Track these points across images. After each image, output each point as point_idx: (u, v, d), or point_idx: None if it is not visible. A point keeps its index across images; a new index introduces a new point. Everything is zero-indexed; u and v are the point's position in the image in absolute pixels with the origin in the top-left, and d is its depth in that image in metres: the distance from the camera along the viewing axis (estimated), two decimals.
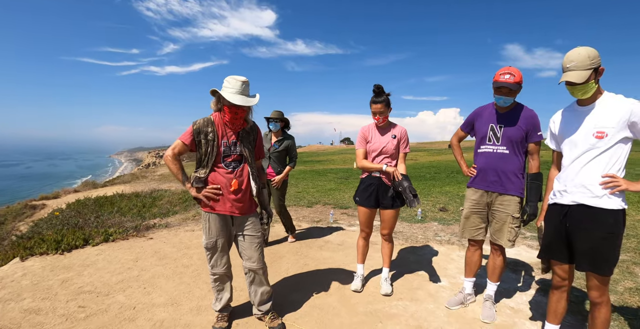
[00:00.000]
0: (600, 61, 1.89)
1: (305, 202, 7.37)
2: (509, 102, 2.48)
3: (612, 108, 1.91)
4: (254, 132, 2.51)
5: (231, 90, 2.23)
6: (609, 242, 1.88)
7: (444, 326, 2.58)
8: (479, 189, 2.63)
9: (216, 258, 2.48)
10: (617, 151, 1.89)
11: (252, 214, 2.51)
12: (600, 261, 1.89)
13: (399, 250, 4.26)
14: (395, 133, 2.95)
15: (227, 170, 2.36)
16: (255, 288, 2.57)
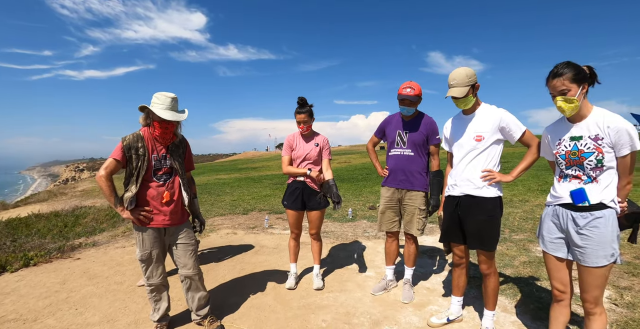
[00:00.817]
0: (476, 79, 2.34)
1: (240, 210, 7.41)
2: (411, 112, 2.90)
3: (487, 116, 2.36)
4: (183, 145, 2.62)
5: (161, 106, 2.33)
6: (490, 224, 2.32)
7: (369, 310, 2.90)
8: (391, 187, 3.01)
9: (151, 269, 2.52)
10: (492, 150, 2.35)
11: (185, 224, 2.61)
12: (485, 240, 2.33)
13: (330, 248, 4.56)
14: (318, 141, 3.24)
15: (158, 183, 2.43)
16: (192, 294, 2.65)
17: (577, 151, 1.84)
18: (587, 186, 1.82)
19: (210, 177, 17.41)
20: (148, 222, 2.43)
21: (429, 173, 2.96)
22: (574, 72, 1.79)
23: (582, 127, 1.85)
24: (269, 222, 5.99)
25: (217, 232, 5.59)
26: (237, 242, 4.96)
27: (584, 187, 1.82)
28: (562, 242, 1.94)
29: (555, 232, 1.96)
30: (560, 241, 1.95)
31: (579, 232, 1.83)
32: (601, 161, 1.79)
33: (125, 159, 2.35)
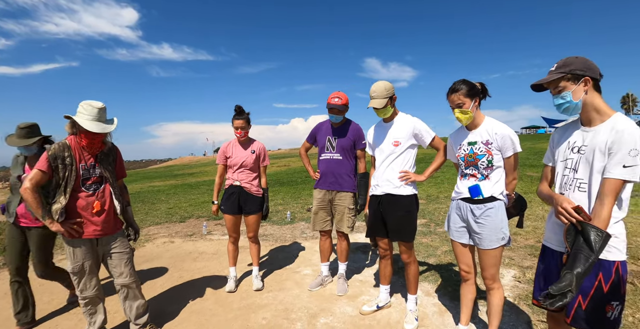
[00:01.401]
0: (394, 91, 2.64)
1: (177, 218, 7.22)
2: (339, 119, 3.15)
3: (403, 124, 2.67)
4: (112, 152, 2.55)
5: (87, 117, 2.26)
6: (408, 218, 2.62)
7: (306, 305, 3.08)
8: (322, 189, 3.23)
9: (85, 281, 2.44)
10: (408, 154, 2.66)
11: (118, 233, 2.56)
12: (404, 232, 2.63)
13: (269, 250, 4.69)
14: (255, 148, 3.36)
15: (87, 193, 2.37)
16: (129, 303, 2.61)
17: (472, 154, 2.19)
18: (481, 183, 2.18)
19: (143, 184, 16.50)
20: (79, 234, 2.35)
21: (356, 175, 3.22)
22: (468, 88, 2.14)
23: (476, 134, 2.21)
24: (208, 229, 5.94)
25: (153, 241, 5.43)
26: (175, 251, 4.87)
27: (479, 184, 2.18)
28: (464, 230, 2.28)
29: (459, 222, 2.30)
30: (463, 229, 2.29)
31: (476, 221, 2.18)
32: (491, 161, 2.15)
33: (52, 169, 2.25)
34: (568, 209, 1.56)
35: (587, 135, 1.63)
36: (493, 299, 2.27)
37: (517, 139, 2.14)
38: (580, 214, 1.53)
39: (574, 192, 1.65)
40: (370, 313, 2.87)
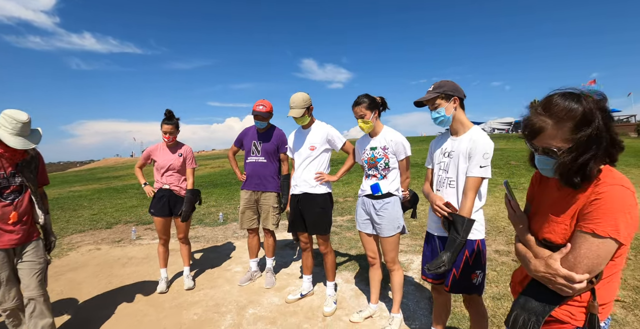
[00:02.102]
0: (311, 102, 2.97)
1: (103, 224, 6.93)
2: (264, 125, 3.41)
3: (319, 130, 3.02)
4: (35, 160, 2.46)
5: (10, 131, 2.16)
6: (324, 214, 2.98)
7: (236, 299, 3.31)
8: (249, 190, 3.48)
9: (3, 292, 2.34)
10: (323, 157, 3.02)
11: (34, 240, 2.47)
12: (320, 226, 2.98)
13: (201, 250, 4.81)
14: (182, 152, 3.50)
15: (5, 202, 2.29)
16: (35, 321, 2.42)
17: (373, 157, 2.59)
18: (380, 182, 2.59)
19: (62, 189, 15.18)
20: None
21: (280, 177, 3.51)
22: (369, 101, 2.53)
23: (376, 141, 2.62)
24: (137, 234, 5.84)
25: (77, 250, 5.22)
26: (102, 258, 4.77)
27: (378, 183, 2.59)
28: (368, 222, 2.69)
29: (364, 215, 2.70)
30: (367, 221, 2.69)
31: (377, 214, 2.59)
32: (388, 163, 2.57)
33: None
34: (440, 205, 1.99)
35: (454, 143, 2.08)
36: (394, 279, 2.71)
37: (409, 145, 2.59)
38: (449, 208, 1.98)
39: (446, 188, 2.10)
40: (295, 301, 3.19)
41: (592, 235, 1.08)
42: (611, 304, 1.20)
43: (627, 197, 1.07)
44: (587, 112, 1.08)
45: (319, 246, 3.08)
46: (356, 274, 3.76)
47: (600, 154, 1.10)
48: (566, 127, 1.10)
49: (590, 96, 1.11)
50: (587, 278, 1.10)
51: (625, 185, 1.09)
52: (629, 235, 1.07)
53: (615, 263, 1.14)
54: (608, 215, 1.07)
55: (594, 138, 1.08)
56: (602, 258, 1.08)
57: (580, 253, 1.10)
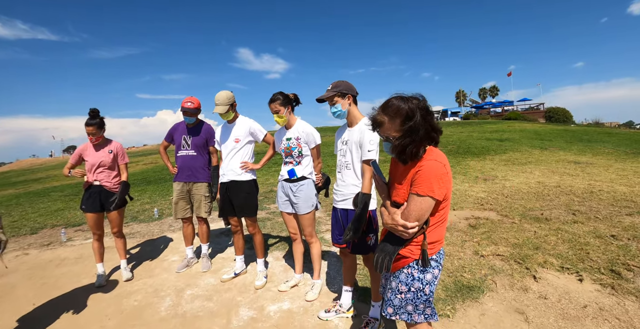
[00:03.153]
0: (234, 100, 3.29)
1: (27, 230, 6.59)
2: (193, 121, 3.66)
3: (242, 125, 3.36)
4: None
5: None
6: (249, 198, 3.34)
7: (175, 283, 3.58)
8: (181, 181, 3.73)
9: None
10: (247, 148, 3.37)
11: None
12: (247, 210, 3.34)
13: (137, 245, 4.93)
14: (112, 148, 3.63)
15: None
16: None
17: (289, 147, 3.01)
18: (296, 167, 3.02)
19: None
20: None
21: (209, 168, 3.80)
22: (282, 99, 2.93)
23: (290, 132, 3.03)
24: (67, 236, 5.72)
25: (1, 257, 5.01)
26: (33, 262, 4.67)
27: (294, 168, 3.01)
28: (288, 202, 3.11)
29: (283, 197, 3.12)
30: (286, 202, 3.11)
31: (294, 195, 3.02)
32: (301, 151, 3.00)
33: None
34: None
35: (349, 133, 2.55)
36: (313, 250, 3.17)
37: (318, 135, 3.04)
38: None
39: (346, 169, 2.57)
40: (229, 280, 3.54)
41: (416, 195, 1.55)
42: (440, 243, 1.71)
43: (438, 167, 1.55)
44: (410, 110, 1.53)
45: (248, 228, 3.45)
46: (285, 253, 4.20)
47: (418, 140, 1.54)
48: (397, 121, 1.55)
49: (415, 98, 1.59)
50: (416, 225, 1.57)
51: (438, 160, 1.56)
52: (442, 193, 1.55)
53: (440, 214, 1.65)
54: (425, 181, 1.54)
55: (413, 129, 1.53)
56: (424, 210, 1.56)
57: (410, 208, 1.58)
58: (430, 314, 1.69)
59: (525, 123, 26.41)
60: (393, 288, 1.73)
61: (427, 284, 1.66)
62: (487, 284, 3.14)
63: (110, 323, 2.94)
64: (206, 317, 2.90)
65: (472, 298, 2.92)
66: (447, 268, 3.47)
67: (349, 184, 2.51)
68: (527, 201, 5.95)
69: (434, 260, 1.69)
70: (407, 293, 1.68)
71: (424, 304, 1.68)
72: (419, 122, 1.53)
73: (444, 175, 1.55)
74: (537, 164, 9.84)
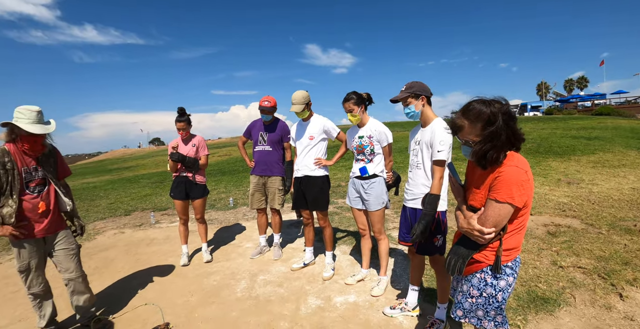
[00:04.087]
0: (309, 99, 3.44)
1: (122, 212, 7.49)
2: (269, 118, 3.89)
3: (316, 123, 3.50)
4: (53, 154, 2.68)
5: (27, 120, 2.37)
6: (321, 193, 3.48)
7: (249, 268, 3.86)
8: (257, 175, 3.99)
9: (31, 278, 2.59)
10: (320, 145, 3.51)
11: (63, 229, 2.72)
12: (319, 204, 3.49)
13: (215, 231, 5.38)
14: (195, 142, 4.00)
15: (32, 195, 2.51)
16: (77, 297, 2.77)
17: (361, 145, 3.08)
18: (368, 165, 3.08)
19: (75, 182, 15.85)
20: (25, 235, 2.49)
21: (284, 163, 4.01)
22: (355, 98, 3.00)
23: (363, 131, 3.09)
24: (155, 219, 6.40)
25: (102, 234, 5.80)
26: (128, 239, 5.34)
27: (365, 166, 3.08)
28: (359, 199, 3.19)
29: (354, 193, 3.20)
30: (357, 198, 3.19)
31: (365, 192, 3.09)
32: (373, 150, 3.05)
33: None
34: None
35: (422, 133, 2.54)
36: (381, 247, 3.22)
37: (390, 134, 3.07)
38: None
39: (416, 169, 2.58)
40: (299, 269, 3.73)
41: (495, 201, 1.52)
42: (517, 251, 1.66)
43: (519, 174, 1.49)
44: (492, 115, 1.48)
45: (319, 221, 3.60)
46: (353, 247, 4.30)
47: (499, 145, 1.49)
48: (478, 126, 1.52)
49: (497, 101, 1.54)
50: (493, 230, 1.54)
51: (519, 166, 1.50)
52: (522, 201, 1.50)
53: (518, 221, 1.59)
54: (505, 187, 1.49)
55: (495, 134, 1.48)
56: (502, 217, 1.52)
57: (487, 214, 1.54)
58: (501, 322, 1.67)
59: (620, 119, 23.31)
60: (464, 291, 1.73)
61: (500, 291, 1.63)
62: (565, 297, 2.94)
63: (193, 298, 3.29)
64: (277, 302, 3.11)
65: (547, 310, 2.76)
66: (521, 277, 3.30)
67: (419, 184, 2.52)
68: (617, 210, 5.36)
69: (509, 267, 1.65)
70: (479, 298, 1.67)
71: (495, 311, 1.65)
72: (501, 128, 1.48)
73: (525, 182, 1.50)
74: (632, 168, 8.75)
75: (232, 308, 3.07)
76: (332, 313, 2.89)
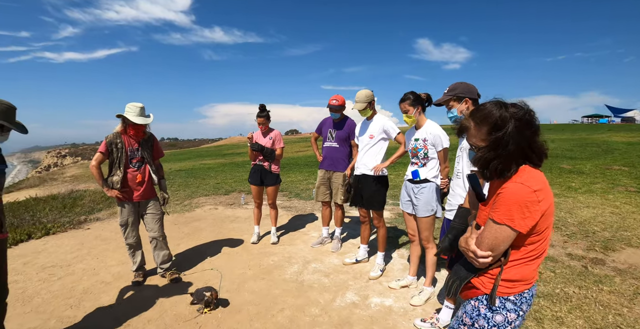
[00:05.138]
0: (373, 98, 3.49)
1: (223, 191, 8.53)
2: (337, 116, 4.06)
3: (378, 122, 3.53)
4: (151, 139, 3.46)
5: (133, 114, 3.16)
6: (377, 193, 3.51)
7: (305, 255, 4.12)
8: (323, 169, 4.20)
9: (128, 231, 3.40)
10: (380, 145, 3.53)
11: (153, 198, 3.47)
12: (374, 203, 3.52)
13: (290, 217, 5.79)
14: (272, 136, 4.39)
15: (134, 168, 3.31)
16: (158, 252, 3.52)
17: (415, 148, 3.03)
18: (420, 169, 3.02)
19: (195, 162, 18.45)
20: (126, 198, 3.30)
21: (350, 160, 4.14)
22: (412, 98, 2.96)
23: (419, 133, 3.03)
24: (245, 200, 7.16)
25: (201, 208, 6.75)
26: (217, 215, 6.13)
27: (418, 170, 3.02)
28: (409, 203, 3.14)
29: (406, 197, 3.16)
30: (408, 202, 3.15)
31: (415, 196, 3.03)
32: (426, 153, 2.97)
33: (108, 151, 3.21)
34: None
35: (463, 139, 2.40)
36: (428, 256, 3.13)
37: (446, 138, 2.94)
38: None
39: (456, 178, 2.47)
40: (350, 264, 3.84)
41: (492, 221, 1.32)
42: (526, 284, 1.39)
43: (524, 193, 1.26)
44: (500, 119, 1.30)
45: (374, 220, 3.65)
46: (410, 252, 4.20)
47: (505, 155, 1.31)
48: (483, 129, 1.35)
49: (515, 105, 1.34)
50: (488, 254, 1.33)
51: (526, 183, 1.27)
52: (525, 225, 1.26)
53: (527, 249, 1.35)
54: (504, 206, 1.28)
55: (501, 141, 1.30)
56: (499, 240, 1.30)
57: (484, 234, 1.34)
58: None
59: None
60: (458, 316, 1.58)
61: (494, 326, 1.44)
62: None
63: (249, 272, 3.70)
64: (318, 289, 3.29)
65: None
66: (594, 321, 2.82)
67: (457, 194, 2.41)
68: None
69: (511, 302, 1.42)
70: (471, 327, 1.50)
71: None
72: (510, 135, 1.29)
73: (531, 203, 1.26)
74: None
75: (277, 286, 3.37)
76: (363, 311, 2.94)
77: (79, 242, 4.83)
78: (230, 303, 3.08)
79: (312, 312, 2.91)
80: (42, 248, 4.67)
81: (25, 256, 4.37)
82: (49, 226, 5.52)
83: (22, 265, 4.09)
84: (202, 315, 2.89)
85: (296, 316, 2.86)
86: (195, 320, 2.83)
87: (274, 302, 3.08)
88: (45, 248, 4.69)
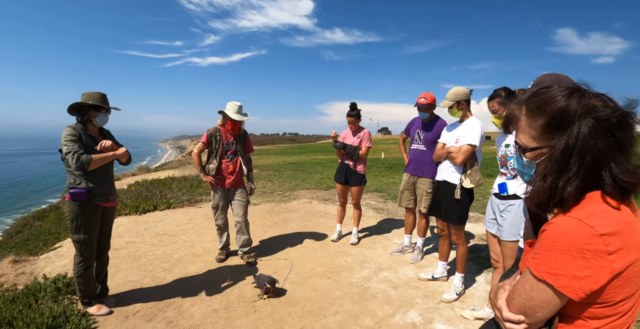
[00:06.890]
0: (463, 98, 3.05)
1: (324, 186, 8.77)
2: (426, 116, 3.71)
3: (466, 126, 3.06)
4: (244, 135, 3.89)
5: (232, 111, 3.59)
6: (456, 205, 3.05)
7: (380, 261, 3.93)
8: (408, 173, 3.89)
9: (218, 214, 3.85)
10: None
11: (241, 187, 3.87)
12: (452, 216, 3.10)
13: (379, 219, 5.62)
14: (360, 134, 4.28)
15: (227, 159, 3.74)
16: (239, 236, 3.88)
17: (504, 155, 2.56)
18: (509, 182, 2.53)
19: (308, 157, 19.48)
20: (219, 184, 3.74)
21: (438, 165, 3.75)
22: (503, 96, 2.51)
23: (511, 138, 2.55)
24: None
25: (297, 200, 7.07)
26: (309, 209, 6.33)
27: (505, 182, 2.54)
28: (494, 222, 2.67)
29: (491, 214, 2.70)
30: (493, 221, 2.68)
31: (500, 215, 2.56)
32: None
33: (209, 142, 3.70)
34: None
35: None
36: None
37: None
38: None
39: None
40: (425, 280, 3.50)
41: (529, 272, 0.87)
42: None
43: (582, 236, 0.78)
44: (565, 110, 0.84)
45: (452, 236, 3.24)
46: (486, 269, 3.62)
47: (566, 169, 0.84)
48: (537, 122, 0.90)
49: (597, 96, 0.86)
50: (518, 319, 0.87)
51: (587, 221, 0.79)
52: (580, 288, 0.78)
53: (599, 323, 0.85)
54: (547, 253, 0.83)
55: (567, 146, 0.83)
56: (535, 303, 0.85)
57: (516, 288, 0.90)
58: None
59: None
60: None
61: None
62: None
63: (318, 268, 3.72)
64: (380, 300, 3.09)
65: None
66: None
67: None
68: None
69: None
70: None
71: None
72: (583, 139, 0.82)
73: (592, 253, 0.77)
74: None
75: (339, 288, 3.29)
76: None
77: (189, 218, 5.57)
78: (290, 295, 3.14)
79: (364, 323, 2.75)
80: (162, 219, 5.55)
81: (147, 223, 5.27)
82: (171, 201, 6.52)
83: (144, 230, 4.95)
84: (261, 300, 3.02)
85: (347, 323, 2.74)
86: (253, 304, 2.98)
87: (331, 303, 3.01)
88: (164, 218, 5.55)
